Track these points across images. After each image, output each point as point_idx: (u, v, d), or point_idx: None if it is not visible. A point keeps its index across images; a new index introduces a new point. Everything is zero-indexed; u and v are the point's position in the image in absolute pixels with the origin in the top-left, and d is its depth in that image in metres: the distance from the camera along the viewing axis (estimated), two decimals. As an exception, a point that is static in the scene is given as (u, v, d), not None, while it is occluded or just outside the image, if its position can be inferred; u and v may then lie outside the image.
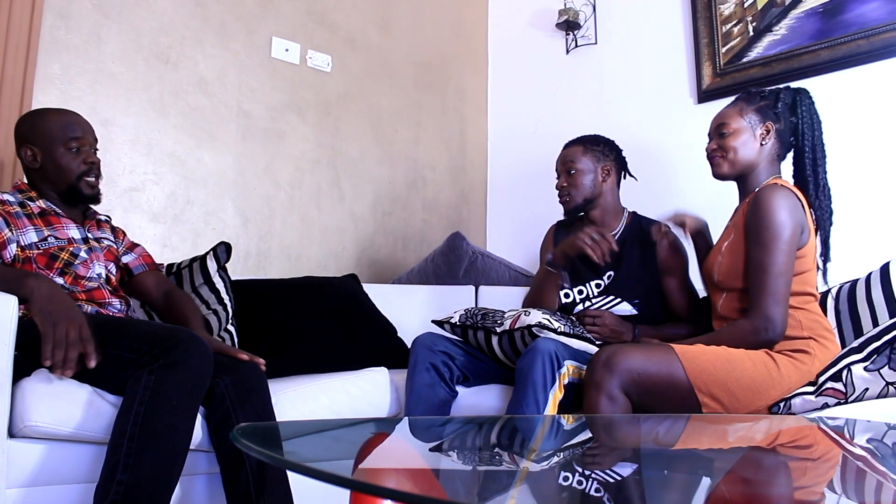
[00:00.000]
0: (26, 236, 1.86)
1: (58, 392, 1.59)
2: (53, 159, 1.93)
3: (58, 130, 1.95)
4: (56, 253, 1.87)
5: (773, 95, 2.03)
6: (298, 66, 3.07)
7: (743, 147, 2.01)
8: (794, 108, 2.02)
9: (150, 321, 1.81)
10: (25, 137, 1.95)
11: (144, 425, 1.50)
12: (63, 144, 1.94)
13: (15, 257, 1.82)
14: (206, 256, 2.30)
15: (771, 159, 2.02)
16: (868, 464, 1.21)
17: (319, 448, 1.30)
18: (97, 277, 1.94)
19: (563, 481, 1.09)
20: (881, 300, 2.03)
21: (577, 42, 3.42)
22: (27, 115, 2.02)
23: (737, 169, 2.02)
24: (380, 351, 2.49)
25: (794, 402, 1.75)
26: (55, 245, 1.88)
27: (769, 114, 2.01)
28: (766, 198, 1.87)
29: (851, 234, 2.44)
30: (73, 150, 1.95)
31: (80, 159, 1.96)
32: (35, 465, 1.55)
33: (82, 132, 1.99)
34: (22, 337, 1.60)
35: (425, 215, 3.51)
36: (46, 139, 1.93)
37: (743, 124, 2.01)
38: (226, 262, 2.32)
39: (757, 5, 2.81)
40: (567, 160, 2.38)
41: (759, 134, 2.01)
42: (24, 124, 1.98)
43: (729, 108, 2.07)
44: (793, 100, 2.03)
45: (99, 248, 2.00)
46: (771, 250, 1.84)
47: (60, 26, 2.43)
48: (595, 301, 2.34)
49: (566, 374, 1.92)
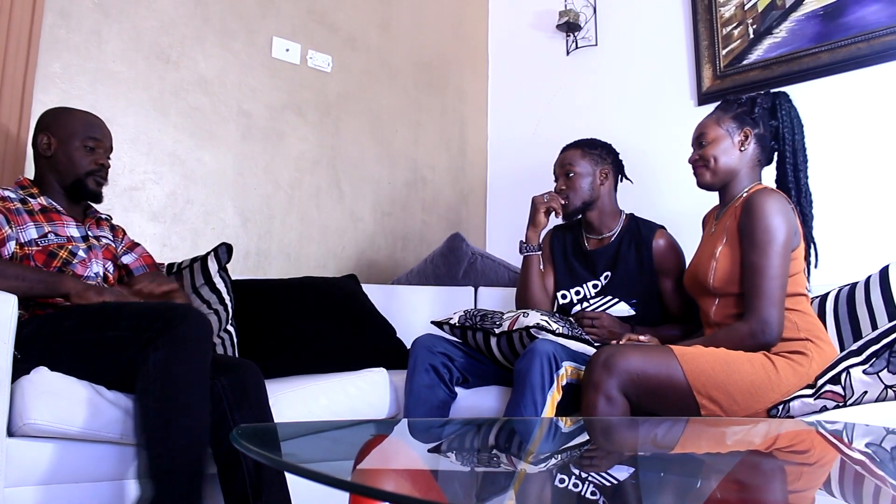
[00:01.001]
0: (26, 233, 1.86)
1: (57, 390, 1.59)
2: (67, 151, 1.97)
3: (80, 127, 2.00)
4: (55, 251, 1.88)
5: (749, 101, 2.05)
6: (299, 65, 3.07)
7: (723, 155, 2.02)
8: (774, 112, 2.04)
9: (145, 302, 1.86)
10: (46, 126, 1.99)
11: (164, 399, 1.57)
12: (81, 140, 1.99)
13: (13, 255, 1.82)
14: (206, 257, 2.30)
15: (752, 165, 2.04)
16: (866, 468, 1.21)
17: (318, 449, 1.30)
18: (94, 276, 1.95)
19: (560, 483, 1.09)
20: (880, 303, 2.03)
21: (577, 43, 3.42)
22: (55, 108, 2.07)
23: (719, 177, 2.04)
24: (379, 351, 2.49)
25: (793, 405, 1.75)
26: (55, 242, 1.89)
27: (746, 119, 2.03)
28: (759, 202, 1.88)
29: (851, 238, 2.44)
30: (87, 148, 2.00)
31: (91, 158, 2.00)
32: (34, 463, 1.55)
33: (102, 136, 2.05)
34: (20, 335, 1.60)
35: (425, 216, 3.51)
36: (66, 131, 1.98)
37: (721, 132, 2.03)
38: (227, 262, 2.33)
39: (757, 8, 2.81)
40: (565, 163, 2.38)
41: (738, 140, 2.02)
42: (48, 115, 2.03)
43: (707, 117, 2.10)
44: (772, 104, 2.04)
45: (98, 247, 2.01)
46: (766, 253, 1.84)
47: (61, 25, 2.43)
48: (592, 302, 2.34)
49: (564, 376, 1.92)
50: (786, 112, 2.03)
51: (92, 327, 1.67)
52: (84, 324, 1.69)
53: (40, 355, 1.66)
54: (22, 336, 1.63)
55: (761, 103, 2.04)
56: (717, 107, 2.11)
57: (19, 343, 1.61)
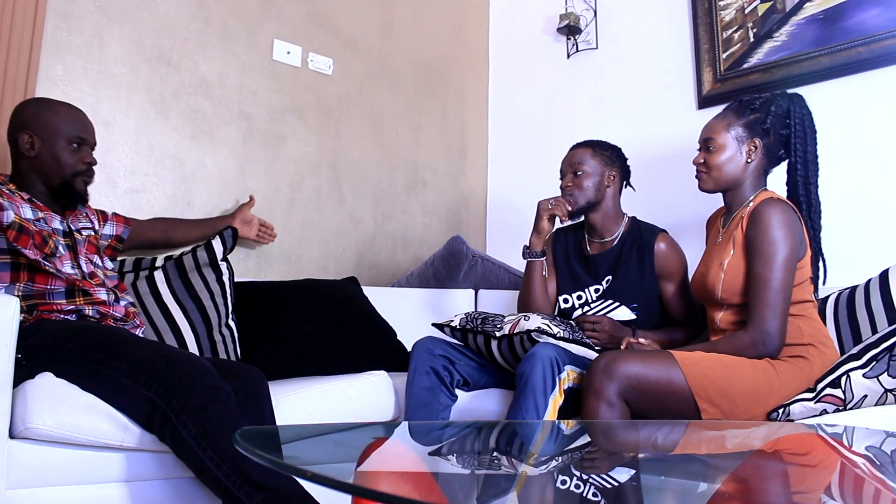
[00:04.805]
0: (23, 210, 1.83)
1: (59, 395, 1.59)
2: (53, 152, 1.93)
3: (64, 125, 1.95)
4: (46, 237, 1.86)
5: (765, 107, 1.99)
6: (300, 68, 3.07)
7: (728, 163, 2.00)
8: (787, 120, 1.99)
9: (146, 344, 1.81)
10: (25, 124, 1.92)
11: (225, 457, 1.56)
12: (66, 139, 1.94)
13: (12, 224, 1.78)
14: (211, 240, 2.31)
15: (758, 174, 2.02)
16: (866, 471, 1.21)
17: (320, 452, 1.30)
18: (74, 274, 1.91)
19: (561, 486, 1.10)
20: (880, 307, 2.03)
21: (577, 46, 3.43)
22: (30, 102, 1.99)
23: (721, 185, 2.04)
24: (380, 354, 2.49)
25: (793, 409, 1.76)
26: (46, 229, 1.87)
27: (757, 129, 1.99)
28: (766, 213, 1.87)
29: (851, 241, 2.44)
30: (74, 147, 1.96)
31: (78, 157, 1.96)
32: (36, 466, 1.56)
33: (87, 132, 2.00)
34: (26, 343, 1.61)
35: (425, 218, 3.52)
36: (50, 130, 1.92)
37: (728, 139, 2.00)
38: (232, 246, 2.33)
39: (757, 11, 2.81)
40: (574, 161, 2.38)
41: (746, 150, 2.00)
42: (26, 110, 1.95)
43: (717, 119, 2.05)
44: (786, 109, 1.99)
45: (81, 241, 1.98)
46: (772, 265, 1.84)
47: (63, 28, 2.44)
48: (594, 305, 2.34)
49: (566, 380, 1.92)
50: (799, 120, 1.98)
51: (90, 358, 1.65)
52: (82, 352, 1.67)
53: (44, 366, 1.66)
54: (27, 344, 1.63)
55: (775, 111, 1.98)
56: (729, 107, 2.06)
57: (24, 350, 1.61)
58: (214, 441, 1.55)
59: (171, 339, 2.16)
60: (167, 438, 1.60)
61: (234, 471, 1.54)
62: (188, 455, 1.57)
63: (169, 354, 1.70)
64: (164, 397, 1.59)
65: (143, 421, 1.62)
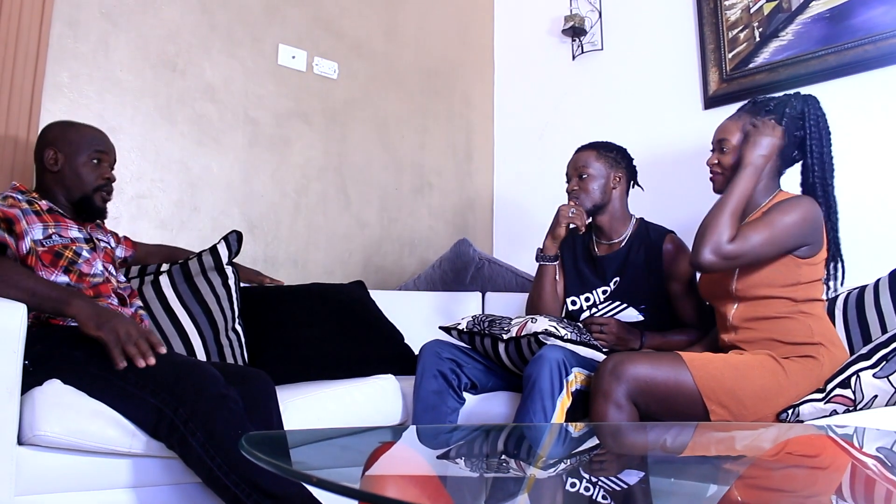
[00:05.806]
0: (33, 232, 1.87)
1: (67, 402, 1.59)
2: (74, 166, 2.00)
3: (85, 141, 2.03)
4: (60, 251, 1.89)
5: (779, 109, 1.96)
6: (305, 73, 3.08)
7: None
8: (801, 121, 1.96)
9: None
10: (51, 141, 2.01)
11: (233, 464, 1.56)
12: (87, 155, 2.01)
13: (30, 250, 1.83)
14: (216, 245, 2.32)
15: (772, 176, 1.99)
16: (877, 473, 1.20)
17: (327, 456, 1.30)
18: (101, 273, 1.97)
19: (570, 489, 1.09)
20: (890, 306, 2.02)
21: (583, 48, 3.42)
22: (57, 122, 2.09)
23: None
24: (387, 358, 2.49)
25: (803, 410, 1.75)
26: (59, 243, 1.90)
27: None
28: (794, 202, 1.86)
29: (860, 241, 2.43)
30: (94, 163, 2.02)
31: (98, 172, 2.03)
32: (44, 472, 1.56)
33: (107, 149, 2.08)
34: (33, 350, 1.61)
35: (431, 221, 3.51)
36: (73, 146, 2.00)
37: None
38: (237, 251, 2.34)
39: (763, 11, 2.80)
40: (580, 164, 2.37)
41: None
42: (52, 129, 2.04)
43: (732, 120, 2.03)
44: (801, 111, 1.96)
45: (99, 248, 2.04)
46: (776, 228, 1.82)
47: (69, 35, 2.45)
48: (601, 307, 2.33)
49: (574, 382, 1.91)
50: (814, 122, 1.95)
51: (97, 366, 1.66)
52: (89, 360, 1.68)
53: (52, 373, 1.66)
54: (35, 351, 1.64)
55: (790, 113, 1.95)
56: (742, 108, 2.04)
57: (32, 357, 1.62)
58: (222, 449, 1.55)
59: (178, 343, 2.16)
60: (175, 447, 1.60)
61: (243, 479, 1.54)
62: (196, 463, 1.57)
63: (176, 363, 1.70)
64: (172, 406, 1.59)
65: (150, 429, 1.62)
